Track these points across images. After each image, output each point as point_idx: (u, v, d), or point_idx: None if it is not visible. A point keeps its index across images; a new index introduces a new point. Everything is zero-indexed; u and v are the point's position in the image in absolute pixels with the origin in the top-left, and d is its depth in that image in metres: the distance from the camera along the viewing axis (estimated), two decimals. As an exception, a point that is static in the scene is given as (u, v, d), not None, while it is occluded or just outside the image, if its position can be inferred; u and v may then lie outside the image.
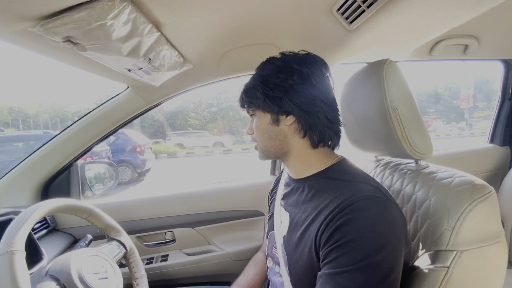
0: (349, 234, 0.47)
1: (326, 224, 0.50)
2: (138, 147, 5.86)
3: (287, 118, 0.61)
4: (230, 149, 8.94)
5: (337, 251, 0.47)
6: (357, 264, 0.45)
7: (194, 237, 1.18)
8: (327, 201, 0.54)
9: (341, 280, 0.46)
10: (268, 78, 0.61)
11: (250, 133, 0.69)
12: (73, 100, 14.16)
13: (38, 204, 0.60)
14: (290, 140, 0.62)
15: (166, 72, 0.82)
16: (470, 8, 0.68)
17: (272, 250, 0.68)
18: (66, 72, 16.56)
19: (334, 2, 0.72)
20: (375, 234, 0.47)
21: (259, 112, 0.64)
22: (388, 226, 0.48)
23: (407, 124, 0.61)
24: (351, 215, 0.48)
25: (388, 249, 0.46)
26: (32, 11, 0.45)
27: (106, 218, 0.78)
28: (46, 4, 0.44)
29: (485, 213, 0.50)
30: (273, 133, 0.63)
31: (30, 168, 1.06)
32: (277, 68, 0.62)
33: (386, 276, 0.46)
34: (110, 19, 0.50)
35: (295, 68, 0.60)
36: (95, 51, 0.58)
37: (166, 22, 0.64)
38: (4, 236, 0.52)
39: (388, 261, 0.46)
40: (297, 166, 0.65)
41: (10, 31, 0.49)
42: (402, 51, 1.02)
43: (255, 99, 0.62)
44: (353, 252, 0.46)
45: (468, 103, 8.16)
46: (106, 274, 0.65)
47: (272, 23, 0.82)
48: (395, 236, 0.48)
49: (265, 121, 0.63)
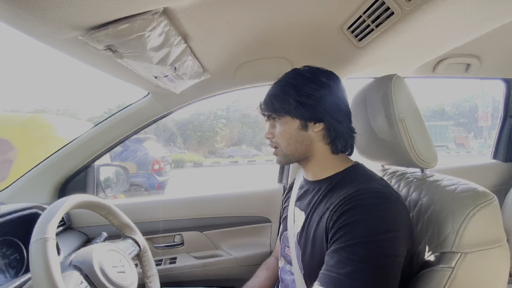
0: (354, 216, 0.52)
1: (334, 210, 0.55)
2: (156, 163, 4.29)
3: (315, 125, 0.66)
4: (254, 160, 9.24)
5: (342, 230, 0.52)
6: (359, 239, 0.50)
7: (202, 240, 1.21)
8: (338, 195, 0.58)
9: (344, 253, 0.50)
10: (300, 87, 0.66)
11: (270, 137, 0.71)
12: (84, 109, 14.51)
13: (66, 197, 0.65)
14: (315, 146, 0.67)
15: (187, 81, 0.89)
16: (472, 29, 0.74)
17: (285, 250, 0.72)
18: (79, 80, 17.03)
19: (345, 20, 0.78)
20: (379, 218, 0.51)
21: (288, 117, 0.67)
22: (392, 215, 0.53)
23: (413, 135, 0.64)
24: (357, 202, 0.53)
25: (390, 234, 0.50)
26: (83, 22, 0.52)
27: (123, 217, 0.82)
28: (97, 16, 0.51)
29: (487, 218, 0.53)
30: (300, 138, 0.66)
31: (50, 167, 1.12)
32: (308, 79, 0.67)
33: (386, 255, 0.49)
34: (148, 31, 0.56)
35: (324, 81, 0.66)
36: (130, 59, 0.65)
37: (193, 35, 0.71)
38: (37, 225, 0.56)
39: (390, 244, 0.50)
40: (316, 169, 0.69)
41: (62, 38, 0.56)
42: (407, 68, 1.08)
43: (287, 105, 0.66)
44: (356, 229, 0.51)
45: (487, 122, 8.23)
46: (123, 269, 0.69)
47: (286, 39, 0.88)
48: (398, 225, 0.52)
49: (294, 126, 0.66)
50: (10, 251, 0.82)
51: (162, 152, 4.79)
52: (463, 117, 11.51)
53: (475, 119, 10.33)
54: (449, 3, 0.58)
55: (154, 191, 4.06)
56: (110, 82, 6.78)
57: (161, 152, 4.74)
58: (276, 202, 1.27)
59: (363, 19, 0.74)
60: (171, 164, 4.95)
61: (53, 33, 0.54)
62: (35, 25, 0.50)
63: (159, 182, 4.12)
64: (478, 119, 9.03)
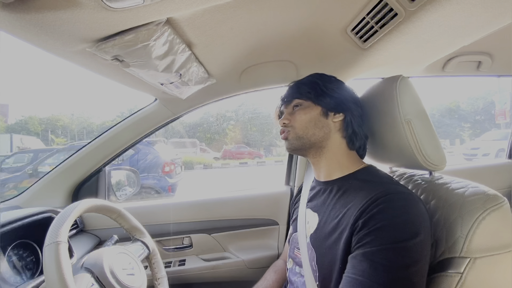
0: (383, 220, 0.51)
1: (360, 213, 0.54)
2: (166, 165, 4.24)
3: (335, 115, 0.69)
4: (264, 161, 9.34)
5: (371, 235, 0.51)
6: (391, 244, 0.49)
7: (211, 243, 1.22)
8: (358, 197, 0.58)
9: (375, 258, 0.49)
10: (326, 81, 0.72)
11: (286, 121, 0.72)
12: (96, 113, 14.97)
13: (78, 202, 0.67)
14: (332, 135, 0.69)
15: (193, 86, 0.90)
16: (479, 28, 0.71)
17: (294, 251, 0.71)
18: (91, 85, 17.62)
19: (348, 22, 0.78)
20: (407, 223, 0.50)
21: (310, 103, 0.70)
22: (418, 217, 0.52)
23: (420, 137, 0.63)
24: (384, 205, 0.52)
25: (419, 238, 0.49)
26: (91, 35, 0.54)
27: (132, 220, 0.84)
28: (103, 29, 0.53)
29: (497, 222, 0.51)
30: (320, 123, 0.68)
31: (64, 172, 1.16)
32: (333, 80, 0.73)
33: (416, 261, 0.49)
34: (152, 40, 0.58)
35: (344, 87, 0.73)
36: (136, 68, 0.67)
37: (197, 42, 0.73)
38: (50, 229, 0.59)
39: (419, 249, 0.49)
40: (329, 165, 0.69)
41: (71, 51, 0.59)
42: (414, 67, 1.06)
43: (313, 91, 0.70)
44: (387, 234, 0.50)
45: (505, 119, 7.95)
46: (133, 271, 0.70)
47: (290, 42, 0.89)
48: (424, 228, 0.51)
49: (315, 111, 0.69)
50: (26, 253, 0.85)
51: (172, 154, 4.79)
52: (479, 115, 11.12)
53: (492, 116, 9.97)
54: (453, 3, 0.57)
55: (165, 193, 4.08)
56: (121, 87, 7.13)
57: (171, 154, 4.75)
58: (283, 205, 1.27)
59: (366, 20, 0.73)
60: (182, 166, 4.93)
61: (63, 46, 0.57)
62: (45, 39, 0.53)
63: (169, 184, 4.14)
64: (495, 116, 8.73)
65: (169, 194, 4.10)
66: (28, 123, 10.17)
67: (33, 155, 5.34)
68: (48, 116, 11.45)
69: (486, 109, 10.76)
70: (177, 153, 4.97)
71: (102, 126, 10.53)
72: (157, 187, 4.12)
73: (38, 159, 4.85)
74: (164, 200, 1.29)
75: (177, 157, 4.79)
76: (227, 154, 9.10)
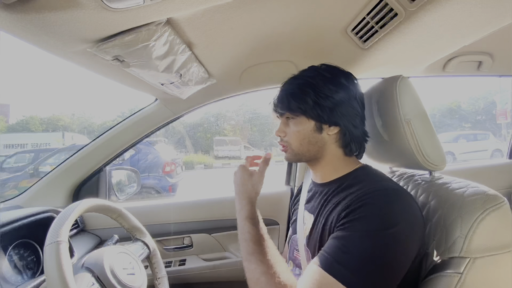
0: (362, 212, 0.51)
1: (345, 208, 0.54)
2: (167, 165, 4.27)
3: (330, 128, 0.64)
4: None
5: (348, 223, 0.52)
6: (359, 232, 0.49)
7: (211, 243, 1.22)
8: (347, 195, 0.58)
9: (345, 242, 0.50)
10: (319, 87, 0.63)
11: (282, 135, 0.69)
12: (97, 113, 15.00)
13: (78, 202, 0.67)
14: (328, 148, 0.66)
15: (193, 86, 0.90)
16: (480, 28, 0.71)
17: (293, 253, 0.72)
18: (91, 86, 17.69)
19: (349, 23, 0.78)
20: (386, 215, 0.50)
21: (302, 118, 0.65)
22: (402, 211, 0.51)
23: (420, 137, 0.63)
24: (368, 200, 0.52)
25: (395, 229, 0.49)
26: (91, 35, 0.55)
27: (133, 220, 0.84)
28: (104, 30, 0.53)
29: (497, 222, 0.51)
30: (314, 139, 0.65)
31: (64, 172, 1.16)
32: (327, 80, 0.65)
33: (385, 253, 0.48)
34: (153, 41, 0.58)
35: (343, 83, 0.65)
36: (137, 68, 0.67)
37: (197, 43, 0.73)
38: (50, 229, 0.59)
39: (393, 241, 0.49)
40: (325, 170, 0.69)
41: (71, 51, 0.59)
42: (415, 67, 1.06)
43: (304, 105, 0.63)
44: (360, 224, 0.50)
45: (506, 119, 7.93)
46: (133, 271, 0.71)
47: (291, 42, 0.89)
48: (407, 221, 0.51)
49: (308, 127, 0.65)
50: (27, 253, 0.86)
51: (173, 154, 4.86)
52: (480, 115, 11.09)
53: (493, 116, 9.95)
54: (453, 3, 0.57)
55: (165, 193, 4.11)
56: (121, 87, 7.20)
57: (172, 154, 4.80)
58: (283, 204, 1.27)
59: (366, 20, 0.74)
60: (182, 166, 4.96)
61: (63, 47, 0.57)
62: (45, 39, 0.53)
63: (170, 184, 4.17)
64: (497, 116, 8.71)
65: (169, 194, 4.12)
66: (29, 123, 10.20)
67: (34, 154, 5.37)
68: (49, 116, 11.49)
69: (487, 110, 10.72)
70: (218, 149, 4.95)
71: (103, 126, 10.56)
72: (157, 187, 4.14)
73: (39, 159, 4.89)
74: (165, 200, 1.29)
75: (177, 156, 4.89)
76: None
